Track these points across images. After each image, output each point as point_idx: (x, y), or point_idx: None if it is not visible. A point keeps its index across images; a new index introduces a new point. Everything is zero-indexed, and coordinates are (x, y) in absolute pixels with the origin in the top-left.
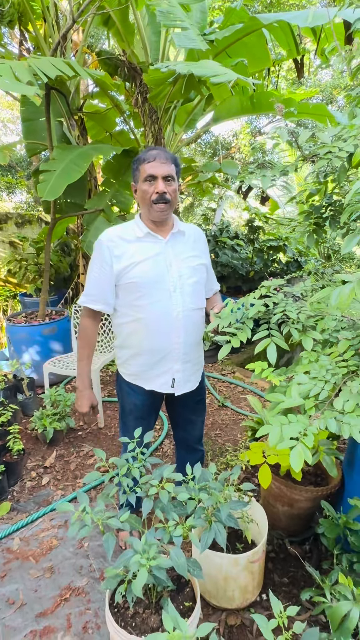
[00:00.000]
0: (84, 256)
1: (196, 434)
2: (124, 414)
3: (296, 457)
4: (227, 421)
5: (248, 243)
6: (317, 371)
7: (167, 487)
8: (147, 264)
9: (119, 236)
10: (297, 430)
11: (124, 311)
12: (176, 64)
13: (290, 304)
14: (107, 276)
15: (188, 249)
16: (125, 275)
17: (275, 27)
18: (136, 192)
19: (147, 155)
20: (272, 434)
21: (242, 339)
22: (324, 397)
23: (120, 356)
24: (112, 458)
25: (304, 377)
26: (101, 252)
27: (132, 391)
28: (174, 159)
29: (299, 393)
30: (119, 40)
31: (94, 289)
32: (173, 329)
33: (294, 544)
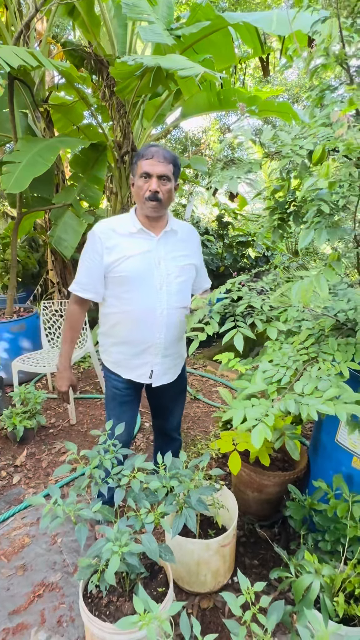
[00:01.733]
0: (53, 252)
1: (174, 423)
2: (107, 400)
3: (257, 435)
4: (199, 413)
5: (218, 239)
6: (280, 358)
7: (138, 476)
8: (136, 260)
9: (112, 229)
10: (260, 412)
11: (112, 302)
12: (143, 57)
13: (255, 297)
14: (98, 266)
15: (179, 248)
16: (114, 268)
17: (240, 26)
18: (133, 186)
19: (146, 152)
20: (235, 416)
21: (209, 333)
22: (285, 382)
23: (103, 343)
24: (84, 450)
25: (267, 364)
26: (93, 242)
27: (114, 376)
28: (173, 158)
29: (262, 379)
30: (85, 32)
31: (85, 278)
32: (156, 325)
33: (263, 528)
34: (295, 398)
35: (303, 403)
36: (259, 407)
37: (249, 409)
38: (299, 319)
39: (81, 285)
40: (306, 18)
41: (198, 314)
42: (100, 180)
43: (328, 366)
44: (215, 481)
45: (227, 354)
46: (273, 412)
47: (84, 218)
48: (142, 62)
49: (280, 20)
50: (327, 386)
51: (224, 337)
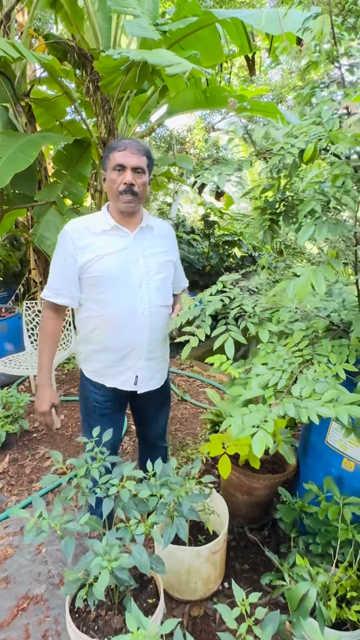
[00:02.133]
0: (35, 250)
1: (159, 431)
2: (87, 413)
3: (258, 442)
4: (186, 415)
5: (204, 238)
6: (274, 361)
7: (127, 485)
8: (111, 258)
9: (85, 227)
10: (258, 419)
11: (88, 305)
12: (129, 51)
13: (247, 298)
14: (71, 269)
15: (156, 244)
16: (88, 268)
17: (228, 23)
18: (105, 181)
19: (119, 144)
20: (234, 425)
21: (201, 337)
22: (282, 385)
23: (82, 351)
24: (70, 459)
25: (262, 368)
26: (65, 243)
27: (94, 388)
28: (146, 150)
29: (258, 384)
30: (68, 25)
31: (58, 282)
32: (138, 326)
33: (253, 531)
34: (294, 402)
35: (302, 407)
36: (256, 413)
37: (247, 416)
38: (292, 320)
39: (54, 290)
40: (296, 17)
41: (185, 315)
42: (84, 177)
43: (324, 368)
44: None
45: (219, 356)
46: (272, 417)
47: (68, 216)
48: (128, 57)
49: (269, 18)
50: (324, 388)
51: (215, 343)
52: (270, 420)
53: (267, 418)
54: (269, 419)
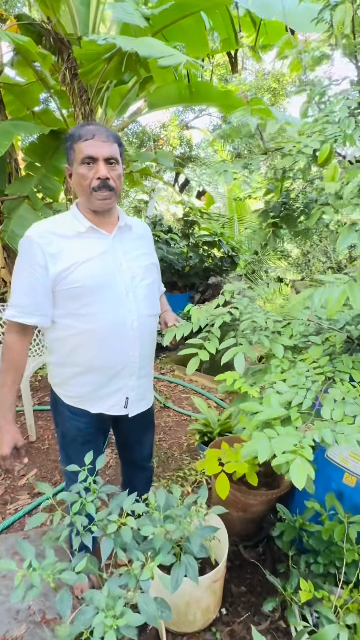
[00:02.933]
0: (5, 248)
1: (145, 453)
2: (65, 442)
3: (297, 472)
4: (170, 423)
5: (182, 237)
6: (295, 379)
7: (128, 522)
8: (93, 265)
9: (52, 231)
10: (292, 443)
11: (66, 322)
12: (116, 38)
13: (256, 310)
14: (41, 281)
15: (137, 245)
16: (65, 279)
17: (214, 13)
18: (71, 177)
19: (84, 132)
20: (261, 449)
21: (210, 350)
22: (307, 406)
23: (56, 374)
24: (61, 493)
25: (283, 385)
26: (30, 252)
27: (75, 415)
28: (116, 137)
29: (279, 403)
30: (42, 6)
31: (25, 298)
32: (128, 340)
33: (248, 549)
34: (329, 427)
35: (338, 432)
36: (286, 437)
37: (275, 440)
38: (305, 334)
39: (22, 308)
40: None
41: (185, 327)
42: (60, 171)
43: (348, 387)
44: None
45: (231, 373)
46: (307, 442)
47: (42, 212)
48: (115, 43)
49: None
50: (355, 411)
51: (223, 357)
52: (307, 446)
53: (303, 444)
54: (305, 445)
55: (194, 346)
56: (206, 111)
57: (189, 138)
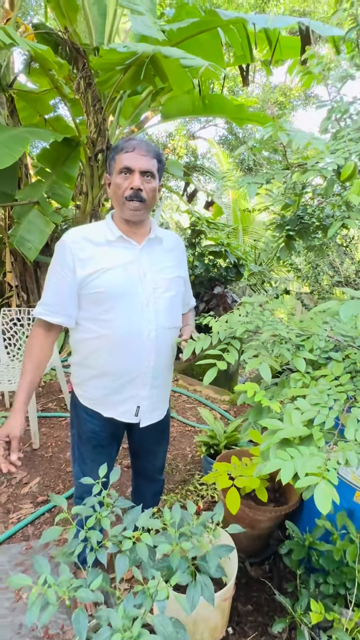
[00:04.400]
0: (12, 252)
1: (158, 464)
2: (80, 442)
3: (322, 496)
4: (174, 433)
5: (189, 247)
6: (317, 396)
7: (144, 538)
8: (116, 272)
9: (85, 237)
10: (316, 465)
11: (87, 325)
12: (137, 45)
13: (277, 322)
14: (68, 283)
15: (165, 258)
16: (89, 283)
17: (231, 29)
18: (109, 186)
19: (126, 145)
20: (284, 470)
21: (230, 361)
22: (329, 426)
23: (77, 375)
24: (75, 507)
25: (305, 402)
26: (63, 255)
27: (90, 417)
28: (157, 153)
29: (301, 421)
30: (59, 16)
31: (53, 298)
32: (143, 350)
33: (254, 566)
34: (353, 448)
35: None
36: (310, 457)
37: (298, 460)
38: (326, 350)
39: (49, 307)
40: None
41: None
42: (71, 178)
43: None
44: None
45: (251, 384)
46: (332, 465)
47: (51, 217)
48: (135, 50)
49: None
50: None
51: (246, 367)
52: (332, 469)
53: (328, 466)
54: (330, 467)
55: (213, 357)
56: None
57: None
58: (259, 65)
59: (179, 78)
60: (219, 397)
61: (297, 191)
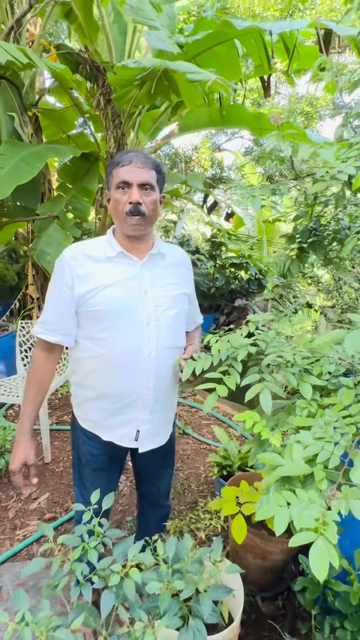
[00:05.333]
0: (34, 265)
1: (163, 489)
2: (79, 464)
3: (318, 558)
4: (188, 451)
5: (209, 259)
6: (322, 429)
7: (132, 574)
8: (115, 289)
9: (85, 253)
10: (313, 516)
11: (85, 344)
12: (148, 60)
13: (283, 344)
14: (67, 301)
15: (168, 274)
16: (88, 301)
17: (248, 39)
18: (109, 202)
19: (122, 158)
20: (278, 519)
21: (230, 386)
22: (334, 464)
23: (76, 396)
24: (62, 537)
25: (307, 436)
26: (62, 272)
27: (89, 440)
28: (155, 164)
29: (302, 458)
30: (81, 36)
31: (52, 316)
32: (143, 371)
33: (266, 601)
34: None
35: None
36: (308, 505)
37: (295, 507)
38: (336, 374)
39: (47, 325)
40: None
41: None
42: (90, 192)
43: None
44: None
45: (251, 413)
46: (332, 517)
47: (71, 231)
48: (146, 66)
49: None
50: None
51: (247, 394)
52: (331, 522)
53: (327, 519)
54: (329, 521)
55: (213, 380)
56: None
57: (220, 160)
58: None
59: (190, 92)
60: (237, 414)
61: (308, 202)
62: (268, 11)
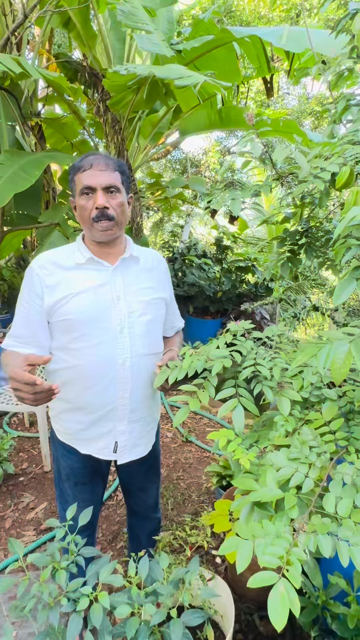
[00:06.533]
0: None
1: (150, 502)
2: (60, 479)
3: (277, 604)
4: (190, 460)
5: (216, 262)
6: (298, 450)
7: (101, 598)
8: (86, 297)
9: (53, 262)
10: (278, 554)
11: (58, 355)
12: (136, 66)
13: (261, 355)
14: (38, 312)
15: (142, 279)
16: (58, 310)
17: (246, 42)
18: (75, 210)
19: (83, 163)
20: (240, 554)
21: (203, 400)
22: (308, 488)
23: (52, 408)
24: (31, 555)
25: (281, 457)
26: (31, 282)
27: (68, 453)
28: (117, 164)
29: (276, 481)
30: (80, 44)
31: (22, 329)
32: (118, 380)
33: (264, 619)
34: (328, 529)
35: (342, 538)
36: (274, 540)
37: (260, 541)
38: (318, 385)
39: (19, 338)
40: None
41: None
42: None
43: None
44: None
45: (226, 431)
46: (298, 555)
47: (72, 238)
48: (136, 72)
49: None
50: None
51: (220, 409)
52: (296, 561)
53: (291, 558)
54: (294, 560)
55: (187, 393)
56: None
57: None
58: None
59: (184, 95)
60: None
61: (296, 202)
62: (274, 12)
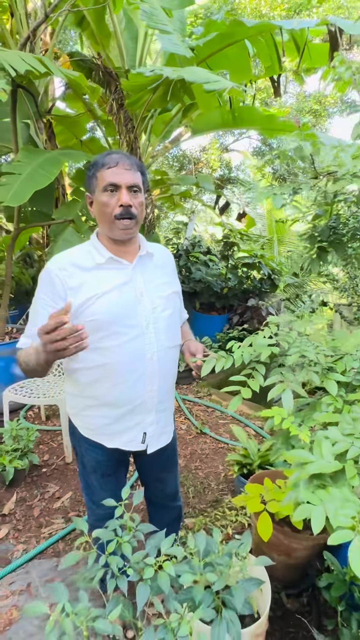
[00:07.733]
0: None
1: (169, 492)
2: (85, 472)
3: (357, 556)
4: (206, 450)
5: (221, 259)
6: (351, 425)
7: (166, 567)
8: (112, 296)
9: (73, 263)
10: (349, 515)
11: (83, 355)
12: (162, 69)
13: (305, 343)
14: None
15: (158, 274)
16: (84, 312)
17: (258, 40)
18: (92, 205)
19: (108, 160)
20: (314, 518)
21: (254, 388)
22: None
23: (73, 406)
24: (96, 531)
25: (336, 432)
26: (51, 284)
27: (93, 447)
28: (139, 165)
29: (332, 454)
30: (93, 43)
31: None
32: (147, 374)
33: (291, 597)
34: None
35: None
36: (342, 503)
37: (330, 504)
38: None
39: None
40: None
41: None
42: None
43: None
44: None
45: (279, 409)
46: None
47: (86, 235)
48: (162, 74)
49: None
50: None
51: (270, 393)
52: None
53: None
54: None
55: (237, 383)
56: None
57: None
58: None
59: (205, 97)
60: (253, 414)
61: (328, 200)
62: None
